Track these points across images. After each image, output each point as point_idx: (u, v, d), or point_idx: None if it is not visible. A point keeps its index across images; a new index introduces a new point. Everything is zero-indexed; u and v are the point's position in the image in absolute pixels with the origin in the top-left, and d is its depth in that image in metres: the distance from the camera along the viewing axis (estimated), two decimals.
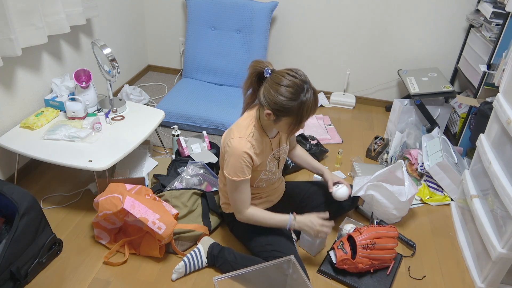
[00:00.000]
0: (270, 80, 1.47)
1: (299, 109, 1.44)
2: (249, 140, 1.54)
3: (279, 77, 1.45)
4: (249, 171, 1.57)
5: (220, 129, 2.63)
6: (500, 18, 2.29)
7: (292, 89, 1.43)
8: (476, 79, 2.46)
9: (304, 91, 1.44)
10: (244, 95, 1.61)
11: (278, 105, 1.44)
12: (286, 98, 1.43)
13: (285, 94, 1.43)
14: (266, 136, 1.62)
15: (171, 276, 1.69)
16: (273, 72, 1.49)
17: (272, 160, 1.69)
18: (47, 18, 2.06)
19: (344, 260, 1.68)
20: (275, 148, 1.69)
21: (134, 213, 1.65)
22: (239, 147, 1.52)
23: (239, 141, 1.53)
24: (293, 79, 1.44)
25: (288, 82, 1.44)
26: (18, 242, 1.53)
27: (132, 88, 2.99)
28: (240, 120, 1.62)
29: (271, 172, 1.71)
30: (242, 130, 1.56)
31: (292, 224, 1.65)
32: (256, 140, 1.58)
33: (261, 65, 1.51)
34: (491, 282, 1.70)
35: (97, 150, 1.95)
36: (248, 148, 1.53)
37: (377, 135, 2.67)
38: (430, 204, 2.22)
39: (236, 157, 1.52)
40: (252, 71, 1.53)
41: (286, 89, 1.43)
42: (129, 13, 3.07)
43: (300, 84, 1.44)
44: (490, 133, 1.86)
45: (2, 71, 1.95)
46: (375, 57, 3.08)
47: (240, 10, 2.92)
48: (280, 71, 1.48)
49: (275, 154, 1.70)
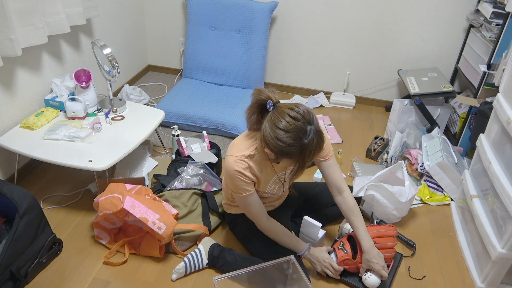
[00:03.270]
0: (271, 119, 1.37)
1: (301, 153, 1.36)
2: (246, 160, 1.50)
3: (279, 119, 1.34)
4: (250, 186, 1.53)
5: (220, 129, 2.63)
6: (500, 18, 2.29)
7: (293, 134, 1.33)
8: (476, 79, 2.46)
9: (306, 135, 1.34)
10: (247, 119, 1.52)
11: (277, 148, 1.36)
12: (285, 145, 1.34)
13: (285, 140, 1.33)
14: (268, 160, 1.50)
15: (171, 276, 1.69)
16: (276, 107, 1.39)
17: (275, 183, 1.66)
18: (47, 18, 2.06)
19: (345, 261, 1.68)
20: (279, 172, 1.63)
21: (134, 213, 1.65)
22: (231, 166, 1.49)
23: (234, 160, 1.49)
24: (294, 122, 1.33)
25: (288, 126, 1.33)
26: (18, 242, 1.53)
27: (132, 88, 2.99)
28: (245, 137, 1.56)
29: (272, 194, 1.70)
30: (242, 149, 1.51)
31: (305, 255, 1.67)
32: (255, 163, 1.53)
33: (263, 95, 1.41)
34: (491, 282, 1.70)
35: (97, 150, 1.95)
36: (242, 168, 1.48)
37: (377, 135, 2.67)
38: (430, 204, 2.22)
39: (231, 176, 1.51)
40: (255, 100, 1.45)
41: (286, 134, 1.33)
42: (129, 13, 3.07)
43: (301, 127, 1.33)
44: (490, 133, 1.86)
45: (2, 71, 1.95)
46: (375, 57, 3.08)
47: (240, 10, 2.92)
48: (282, 109, 1.36)
49: (280, 177, 1.66)
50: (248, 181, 1.52)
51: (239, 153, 1.50)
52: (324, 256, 1.67)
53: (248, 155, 1.51)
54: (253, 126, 1.53)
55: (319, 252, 1.68)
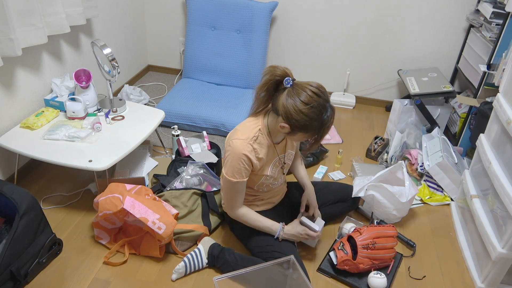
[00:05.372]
0: (292, 93, 1.41)
1: (320, 128, 1.43)
2: (251, 143, 1.53)
3: (302, 93, 1.39)
4: (246, 174, 1.56)
5: (220, 129, 2.63)
6: (500, 18, 2.29)
7: (317, 109, 1.39)
8: (476, 79, 2.46)
9: (326, 111, 1.42)
10: (256, 98, 1.55)
11: (299, 123, 1.41)
12: (308, 118, 1.40)
13: (309, 114, 1.39)
14: (271, 142, 1.60)
15: (171, 276, 1.69)
16: (295, 84, 1.43)
17: (276, 166, 1.68)
18: (47, 18, 2.06)
19: (345, 261, 1.68)
20: (280, 154, 1.67)
21: (134, 213, 1.65)
22: (240, 149, 1.51)
23: (241, 142, 1.52)
24: (318, 99, 1.39)
25: (312, 101, 1.39)
26: (18, 242, 1.53)
27: (132, 88, 2.99)
28: (246, 122, 1.61)
29: (272, 178, 1.69)
30: (246, 132, 1.55)
31: (280, 235, 1.68)
32: (259, 145, 1.56)
33: (279, 72, 1.44)
34: (491, 282, 1.70)
35: (97, 150, 1.95)
36: (248, 151, 1.52)
37: (377, 135, 2.67)
38: (430, 204, 2.22)
39: (235, 158, 1.52)
40: (270, 78, 1.46)
41: (311, 109, 1.39)
42: (129, 13, 3.07)
43: (323, 104, 1.41)
44: (490, 133, 1.86)
45: (2, 71, 1.95)
46: (375, 57, 3.08)
47: (240, 10, 2.92)
48: (303, 86, 1.41)
49: (280, 159, 1.69)
50: (248, 168, 1.55)
51: (245, 136, 1.53)
52: (299, 230, 1.69)
53: (253, 137, 1.54)
54: (260, 106, 1.57)
55: (292, 229, 1.69)
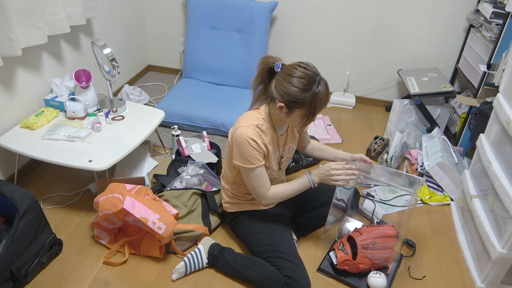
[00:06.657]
0: (282, 73, 1.48)
1: (313, 100, 1.46)
2: (256, 129, 1.54)
3: (290, 69, 1.47)
4: (261, 157, 1.55)
5: (220, 129, 2.63)
6: (500, 18, 2.29)
7: (305, 80, 1.44)
8: (476, 79, 2.46)
9: (316, 83, 1.46)
10: (254, 92, 1.61)
11: (292, 97, 1.45)
12: (299, 89, 1.44)
13: (298, 85, 1.44)
14: (275, 132, 1.62)
15: (171, 276, 1.69)
16: (284, 66, 1.50)
17: (277, 158, 1.69)
18: (47, 18, 2.06)
19: (345, 261, 1.68)
20: (281, 147, 1.69)
21: (134, 213, 1.65)
22: (244, 134, 1.51)
23: (245, 129, 1.52)
24: (305, 71, 1.46)
25: (300, 73, 1.45)
26: (18, 242, 1.53)
27: (132, 88, 2.99)
28: (248, 112, 1.62)
29: (274, 171, 1.70)
30: (250, 120, 1.56)
31: (314, 179, 1.61)
32: (264, 133, 1.57)
33: (271, 60, 1.52)
34: (491, 282, 1.70)
35: (97, 150, 1.95)
36: (255, 135, 1.52)
37: (377, 135, 2.67)
38: (430, 204, 2.22)
39: (244, 144, 1.51)
40: (263, 66, 1.54)
41: (299, 80, 1.44)
42: (129, 13, 3.07)
43: (312, 75, 1.45)
44: (490, 133, 1.86)
45: (2, 71, 1.95)
46: (375, 57, 3.08)
47: (240, 10, 2.92)
48: (291, 64, 1.49)
49: (280, 152, 1.70)
50: (260, 151, 1.54)
51: (249, 123, 1.54)
52: (324, 167, 1.61)
53: (258, 124, 1.55)
54: (259, 99, 1.60)
55: (318, 170, 1.63)
